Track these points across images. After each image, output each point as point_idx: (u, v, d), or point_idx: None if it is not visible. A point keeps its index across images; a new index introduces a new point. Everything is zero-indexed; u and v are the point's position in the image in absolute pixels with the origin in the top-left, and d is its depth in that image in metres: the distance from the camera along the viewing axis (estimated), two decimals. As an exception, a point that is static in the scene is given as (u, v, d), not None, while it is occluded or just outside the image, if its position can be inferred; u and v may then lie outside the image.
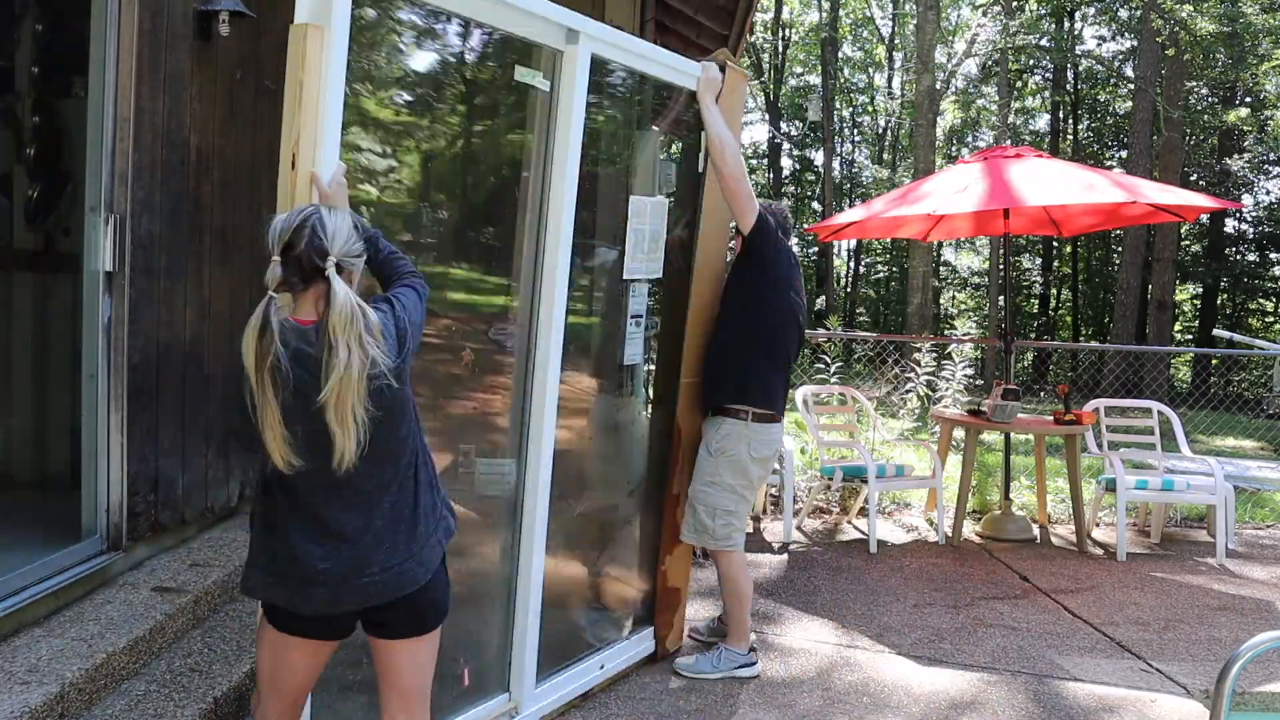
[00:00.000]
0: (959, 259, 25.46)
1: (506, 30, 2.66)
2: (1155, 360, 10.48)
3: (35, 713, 2.31)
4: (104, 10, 3.14)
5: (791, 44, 26.35)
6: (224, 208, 4.00)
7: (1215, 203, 6.24)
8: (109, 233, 3.17)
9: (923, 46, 16.10)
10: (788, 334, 3.50)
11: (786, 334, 3.50)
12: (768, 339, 3.46)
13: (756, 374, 3.43)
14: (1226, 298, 21.54)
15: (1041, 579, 4.93)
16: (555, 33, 2.74)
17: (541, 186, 2.88)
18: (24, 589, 2.82)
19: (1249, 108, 17.31)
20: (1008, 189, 5.32)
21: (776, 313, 3.46)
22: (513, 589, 2.97)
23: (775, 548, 5.35)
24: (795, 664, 3.68)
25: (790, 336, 3.52)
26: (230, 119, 4.01)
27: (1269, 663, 3.78)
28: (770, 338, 3.46)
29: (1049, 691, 3.50)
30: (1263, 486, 6.34)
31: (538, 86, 2.82)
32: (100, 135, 3.17)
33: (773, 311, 3.45)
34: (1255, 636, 2.06)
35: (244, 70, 4.12)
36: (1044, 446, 6.26)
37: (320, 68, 2.10)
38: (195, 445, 3.79)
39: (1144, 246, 16.62)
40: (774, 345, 3.47)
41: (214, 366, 3.89)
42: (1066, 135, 23.21)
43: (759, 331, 3.44)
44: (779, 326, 3.47)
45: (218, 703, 2.74)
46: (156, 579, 3.32)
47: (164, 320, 3.51)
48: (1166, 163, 16.02)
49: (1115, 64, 20.38)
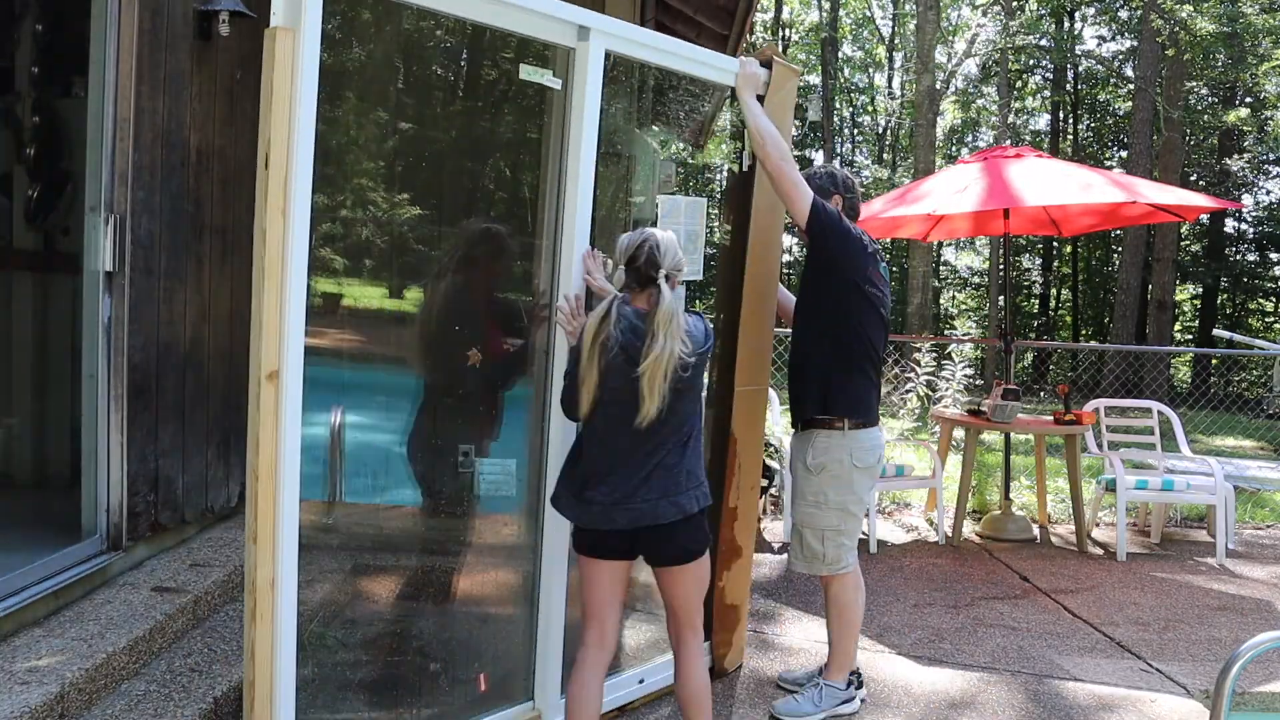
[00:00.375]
0: (959, 259, 25.46)
1: (516, 31, 2.67)
2: (1155, 360, 10.49)
3: (35, 713, 2.31)
4: (104, 10, 3.14)
5: (791, 44, 26.34)
6: (224, 208, 4.00)
7: (1215, 203, 6.24)
8: (109, 233, 3.17)
9: (923, 46, 16.10)
10: (871, 335, 3.18)
11: (869, 335, 3.18)
12: (849, 346, 3.17)
13: (844, 384, 3.16)
14: (1226, 298, 21.55)
15: (1041, 579, 4.94)
16: (566, 30, 2.72)
17: (558, 186, 2.84)
18: (24, 589, 2.82)
19: (1249, 108, 17.31)
20: (1007, 189, 5.32)
21: (854, 315, 3.15)
22: (535, 595, 2.94)
23: (775, 548, 5.35)
24: (795, 663, 3.68)
25: (875, 337, 3.20)
26: (230, 119, 4.01)
27: (1269, 663, 3.78)
28: (851, 344, 3.17)
29: (1049, 691, 3.50)
30: (1263, 486, 6.34)
31: (548, 85, 2.78)
32: (100, 135, 3.17)
33: (850, 315, 3.15)
34: (1255, 636, 2.06)
35: (244, 70, 4.12)
36: (1044, 446, 6.26)
37: (291, 70, 2.14)
38: (195, 445, 3.79)
39: (1144, 246, 16.63)
40: (856, 350, 3.18)
41: (214, 366, 3.88)
42: (1066, 135, 23.22)
43: (839, 339, 3.17)
44: (859, 329, 3.16)
45: (218, 703, 2.74)
46: (156, 579, 3.32)
47: (164, 320, 3.51)
48: (1166, 163, 16.02)
49: (1115, 64, 20.39)
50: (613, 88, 3.16)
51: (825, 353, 3.18)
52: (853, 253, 3.14)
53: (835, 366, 3.16)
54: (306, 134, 2.19)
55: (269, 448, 2.27)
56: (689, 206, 3.33)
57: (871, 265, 3.17)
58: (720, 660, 3.51)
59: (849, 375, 3.16)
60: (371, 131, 3.06)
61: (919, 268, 15.77)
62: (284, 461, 2.30)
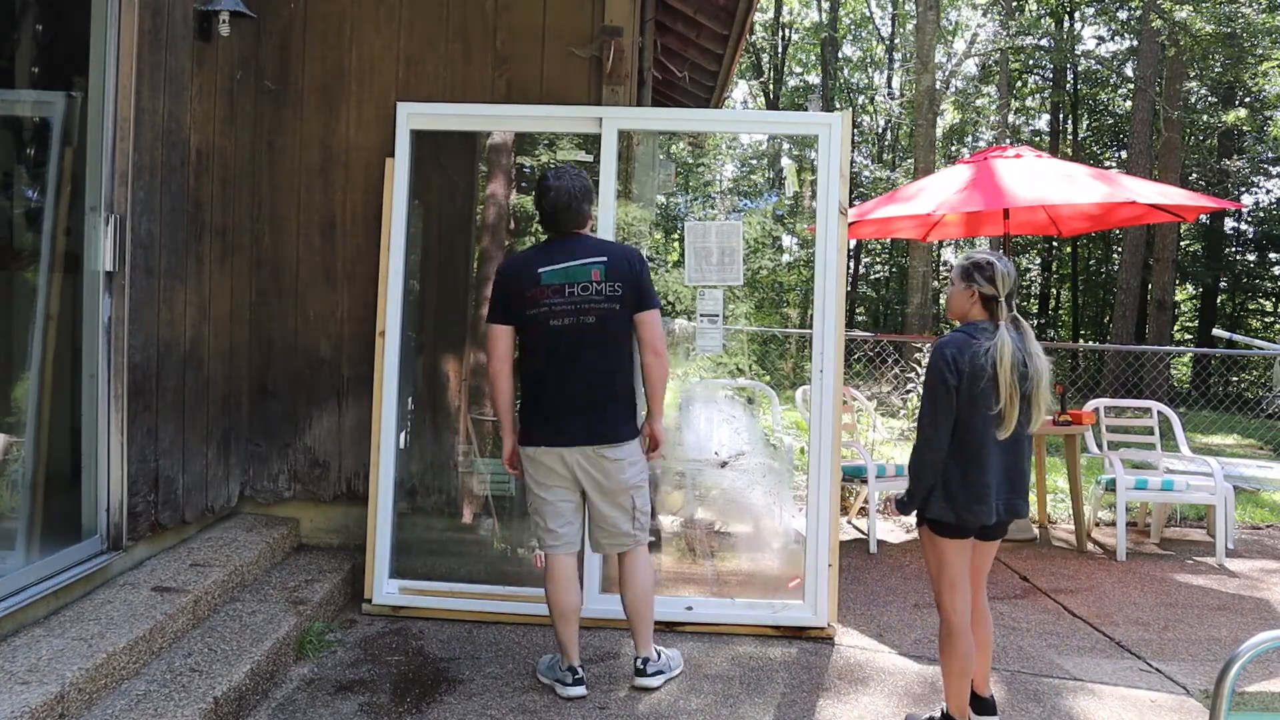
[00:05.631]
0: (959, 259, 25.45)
1: (551, 130, 4.37)
2: (1155, 360, 10.48)
3: (35, 713, 2.31)
4: (104, 10, 3.14)
5: (791, 44, 26.35)
6: (224, 208, 4.00)
7: (1214, 203, 6.24)
8: (109, 233, 3.17)
9: (923, 46, 16.08)
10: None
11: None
12: None
13: None
14: (1226, 298, 21.54)
15: (1041, 579, 4.94)
16: (590, 123, 4.12)
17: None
18: (24, 589, 2.82)
19: (1248, 108, 17.31)
20: (1006, 189, 5.32)
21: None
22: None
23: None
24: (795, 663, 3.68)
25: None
26: (230, 119, 4.01)
27: (1269, 663, 3.79)
28: None
29: (1049, 691, 3.50)
30: (1262, 486, 6.35)
31: (581, 160, 3.90)
32: (100, 135, 3.18)
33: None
34: (1255, 636, 2.05)
35: (244, 70, 4.12)
36: (1044, 446, 6.26)
37: (393, 178, 4.10)
38: (195, 445, 3.79)
39: (1143, 247, 16.62)
40: None
41: (214, 366, 3.89)
42: (1066, 135, 23.21)
43: None
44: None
45: (218, 703, 2.74)
46: (156, 579, 3.32)
47: (164, 320, 3.51)
48: (1166, 163, 16.02)
49: (1115, 64, 20.39)
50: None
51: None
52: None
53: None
54: (400, 223, 4.10)
55: (379, 371, 4.07)
56: (719, 230, 4.14)
57: (531, 288, 3.26)
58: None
59: None
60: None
61: (919, 268, 15.76)
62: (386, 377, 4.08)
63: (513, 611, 3.92)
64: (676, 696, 3.30)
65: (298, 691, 3.19)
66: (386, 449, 4.04)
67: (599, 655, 3.64)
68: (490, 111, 4.22)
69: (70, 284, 3.32)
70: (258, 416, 4.27)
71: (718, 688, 3.39)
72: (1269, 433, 10.04)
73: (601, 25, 4.25)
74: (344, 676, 3.33)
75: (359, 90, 4.30)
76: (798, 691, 3.40)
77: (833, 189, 3.98)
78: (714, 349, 4.29)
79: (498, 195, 4.54)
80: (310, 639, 3.50)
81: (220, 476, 4.03)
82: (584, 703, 3.21)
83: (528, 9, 4.30)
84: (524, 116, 4.22)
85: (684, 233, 4.17)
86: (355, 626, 3.84)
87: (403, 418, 4.22)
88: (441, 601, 3.96)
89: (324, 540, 4.39)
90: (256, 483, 4.31)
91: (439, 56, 4.30)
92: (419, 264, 4.45)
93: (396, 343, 4.06)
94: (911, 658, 3.78)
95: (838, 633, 3.98)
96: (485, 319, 3.40)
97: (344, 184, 4.31)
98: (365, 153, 4.28)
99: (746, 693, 3.36)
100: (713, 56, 6.79)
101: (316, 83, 4.30)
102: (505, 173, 4.57)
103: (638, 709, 3.18)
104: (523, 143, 4.65)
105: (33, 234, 3.54)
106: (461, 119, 4.22)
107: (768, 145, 23.69)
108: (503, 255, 4.49)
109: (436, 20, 4.31)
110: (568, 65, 4.29)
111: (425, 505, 4.37)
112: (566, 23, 4.29)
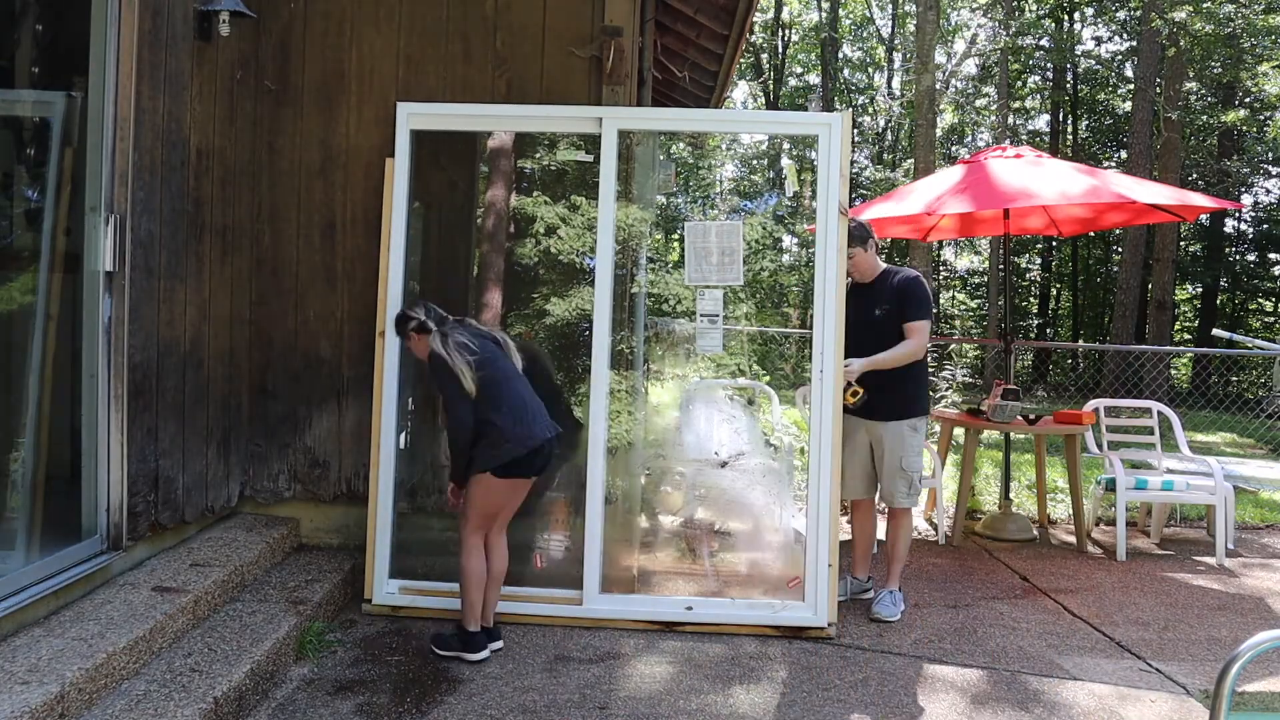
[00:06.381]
0: (959, 259, 25.45)
1: (551, 130, 4.33)
2: (1154, 360, 10.48)
3: (35, 712, 2.31)
4: (104, 10, 3.14)
5: (791, 44, 26.34)
6: (224, 208, 4.00)
7: (1214, 203, 6.23)
8: (109, 233, 3.17)
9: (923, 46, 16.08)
10: None
11: None
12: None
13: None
14: (1226, 298, 21.53)
15: (1041, 579, 4.94)
16: (590, 123, 4.15)
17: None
18: (24, 589, 2.83)
19: (1248, 108, 17.31)
20: (1006, 189, 5.32)
21: None
22: (585, 518, 3.96)
23: (775, 548, 5.35)
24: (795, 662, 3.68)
25: None
26: (230, 119, 4.01)
27: (1269, 663, 3.79)
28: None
29: (1049, 691, 3.50)
30: (1262, 486, 6.34)
31: (581, 159, 4.05)
32: (100, 135, 3.18)
33: None
34: (1255, 636, 2.05)
35: (244, 70, 4.13)
36: (1044, 446, 6.26)
37: (394, 178, 4.12)
38: (195, 445, 3.79)
39: (1143, 246, 16.61)
40: None
41: (214, 366, 3.89)
42: (1066, 135, 23.20)
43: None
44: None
45: (218, 703, 2.74)
46: (156, 579, 3.32)
47: (164, 320, 3.51)
48: (1166, 163, 16.02)
49: (1115, 64, 20.38)
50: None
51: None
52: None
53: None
54: (400, 223, 4.13)
55: (379, 371, 4.11)
56: (720, 230, 4.19)
57: None
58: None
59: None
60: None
61: (919, 268, 15.76)
62: (386, 377, 4.10)
63: (513, 611, 3.92)
64: (676, 696, 3.30)
65: (298, 691, 3.19)
66: (386, 449, 4.04)
67: (599, 655, 3.65)
68: (490, 111, 4.23)
69: (70, 284, 3.32)
70: (258, 416, 4.28)
71: (718, 687, 3.39)
72: (1269, 433, 10.03)
73: (601, 25, 4.25)
74: (344, 676, 3.33)
75: (359, 90, 4.30)
76: (798, 691, 3.40)
77: (833, 189, 3.99)
78: (714, 349, 4.33)
79: (498, 196, 4.54)
80: (310, 639, 3.50)
81: (220, 476, 4.03)
82: (584, 703, 3.21)
83: (528, 9, 4.31)
84: (524, 116, 4.22)
85: (684, 233, 4.21)
86: (355, 626, 3.84)
87: (402, 418, 4.22)
88: (442, 601, 3.96)
89: (324, 540, 4.39)
90: (256, 483, 4.31)
91: (439, 56, 4.31)
92: (419, 264, 4.45)
93: (396, 343, 4.06)
94: (912, 658, 3.78)
95: (837, 633, 3.98)
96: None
97: (344, 184, 4.31)
98: (365, 153, 4.29)
99: (746, 693, 3.36)
100: (713, 56, 6.78)
101: (316, 83, 4.30)
102: (505, 173, 4.57)
103: (638, 709, 3.18)
104: (523, 143, 4.65)
105: (33, 234, 3.54)
106: (461, 119, 4.23)
107: (768, 145, 23.70)
108: (503, 255, 4.48)
109: (436, 20, 4.31)
110: (568, 65, 4.29)
111: (425, 505, 4.37)
112: (566, 23, 4.30)
